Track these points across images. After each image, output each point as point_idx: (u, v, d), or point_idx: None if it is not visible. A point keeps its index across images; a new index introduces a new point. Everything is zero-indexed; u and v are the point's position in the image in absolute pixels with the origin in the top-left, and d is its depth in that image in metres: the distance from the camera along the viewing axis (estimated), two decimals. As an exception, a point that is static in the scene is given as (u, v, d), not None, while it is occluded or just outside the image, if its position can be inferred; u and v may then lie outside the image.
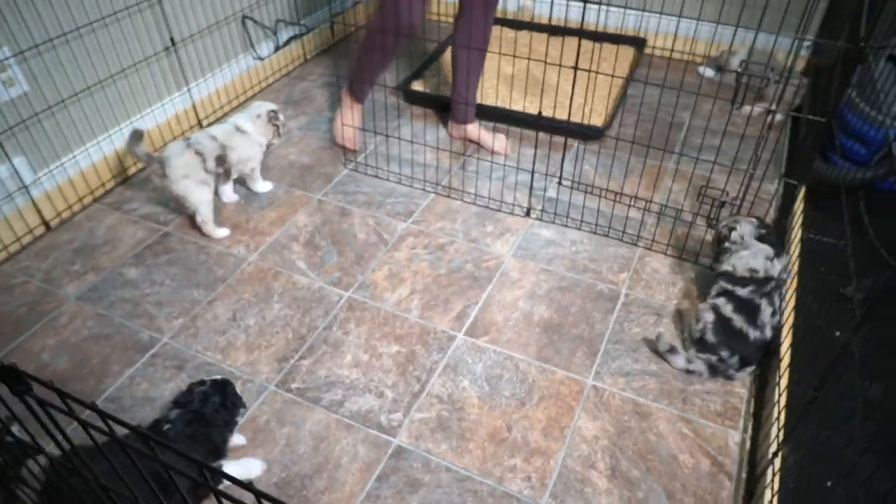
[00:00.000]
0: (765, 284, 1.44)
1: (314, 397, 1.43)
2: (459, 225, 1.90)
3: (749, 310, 1.43)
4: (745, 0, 1.71)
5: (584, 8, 1.59)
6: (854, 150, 1.92)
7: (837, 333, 1.56)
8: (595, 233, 1.86)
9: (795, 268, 1.61)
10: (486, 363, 1.50)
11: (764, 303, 1.42)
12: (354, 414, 1.40)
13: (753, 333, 1.40)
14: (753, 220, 1.50)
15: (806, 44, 2.55)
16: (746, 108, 2.36)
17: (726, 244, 1.51)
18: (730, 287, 1.47)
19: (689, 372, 1.45)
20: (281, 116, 1.94)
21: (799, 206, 1.82)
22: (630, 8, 2.68)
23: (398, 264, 1.77)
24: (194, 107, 2.29)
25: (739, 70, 1.46)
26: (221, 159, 1.82)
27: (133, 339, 1.56)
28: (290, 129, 2.32)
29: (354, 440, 1.35)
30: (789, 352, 1.37)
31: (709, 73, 2.62)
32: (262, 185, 2.02)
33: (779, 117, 2.34)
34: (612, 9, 2.75)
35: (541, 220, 1.91)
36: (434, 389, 1.45)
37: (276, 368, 1.49)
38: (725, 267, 1.50)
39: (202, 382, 1.25)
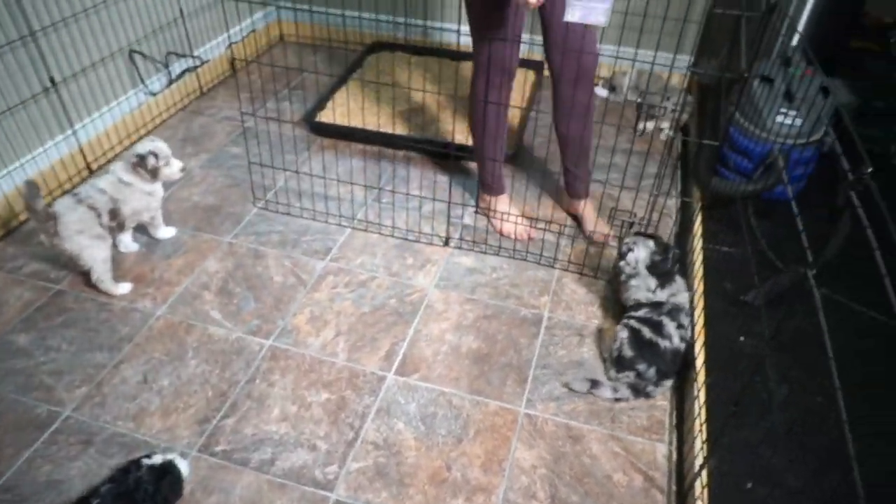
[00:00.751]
0: (659, 307, 1.54)
1: (242, 459, 1.35)
2: (379, 259, 1.87)
3: (653, 325, 1.51)
4: (630, 24, 1.81)
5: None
6: (740, 163, 2.07)
7: (742, 338, 1.68)
8: (513, 258, 1.90)
9: (700, 283, 1.71)
10: (420, 402, 1.48)
11: (665, 319, 1.51)
12: (287, 472, 1.33)
13: (664, 343, 1.48)
14: (651, 242, 1.58)
15: (686, 65, 2.74)
16: (640, 126, 2.49)
17: (621, 263, 1.59)
18: (633, 313, 1.57)
19: (617, 400, 1.50)
20: (152, 160, 1.72)
21: (697, 220, 1.94)
22: (533, 38, 2.77)
23: (320, 306, 1.72)
24: (81, 150, 2.13)
25: (638, 100, 1.53)
26: (115, 213, 1.69)
27: (29, 415, 1.41)
28: (189, 168, 2.20)
29: (290, 500, 1.28)
30: (704, 366, 1.45)
31: (603, 93, 2.75)
32: (165, 231, 1.90)
33: (670, 134, 2.49)
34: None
35: (460, 248, 1.92)
36: (369, 435, 1.41)
37: (198, 431, 1.40)
38: (623, 298, 1.60)
39: (139, 466, 1.16)
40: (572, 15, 1.38)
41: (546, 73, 2.61)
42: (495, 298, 1.76)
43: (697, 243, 1.85)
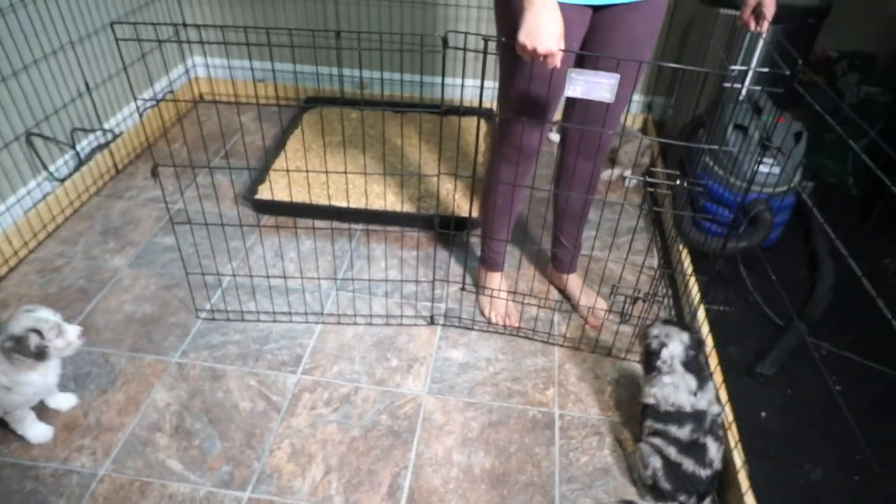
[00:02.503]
0: (702, 420, 1.32)
1: None
2: (359, 364, 1.64)
3: (696, 451, 1.30)
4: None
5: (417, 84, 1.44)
6: (718, 212, 2.00)
7: (763, 414, 1.58)
8: (502, 333, 1.72)
9: (713, 352, 1.60)
10: (439, 548, 1.27)
11: (709, 440, 1.31)
12: None
13: (705, 472, 1.31)
14: (685, 335, 1.40)
15: (643, 105, 2.69)
16: (606, 173, 2.40)
17: (657, 363, 1.39)
18: (661, 427, 1.34)
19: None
20: (34, 339, 1.26)
21: (691, 279, 1.84)
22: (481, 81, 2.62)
23: (301, 436, 1.46)
24: (-23, 264, 1.77)
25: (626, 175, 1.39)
26: None
27: None
28: (115, 269, 1.88)
29: None
30: (745, 464, 1.33)
31: (555, 137, 2.64)
32: (62, 401, 1.48)
33: (634, 182, 2.41)
34: (456, 80, 2.67)
35: (447, 338, 1.72)
36: None
37: None
38: (648, 399, 1.37)
39: None
40: (574, 90, 1.23)
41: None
42: (498, 399, 1.57)
43: (697, 305, 1.75)
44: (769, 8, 1.37)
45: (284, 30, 1.41)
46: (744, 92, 2.03)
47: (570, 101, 1.52)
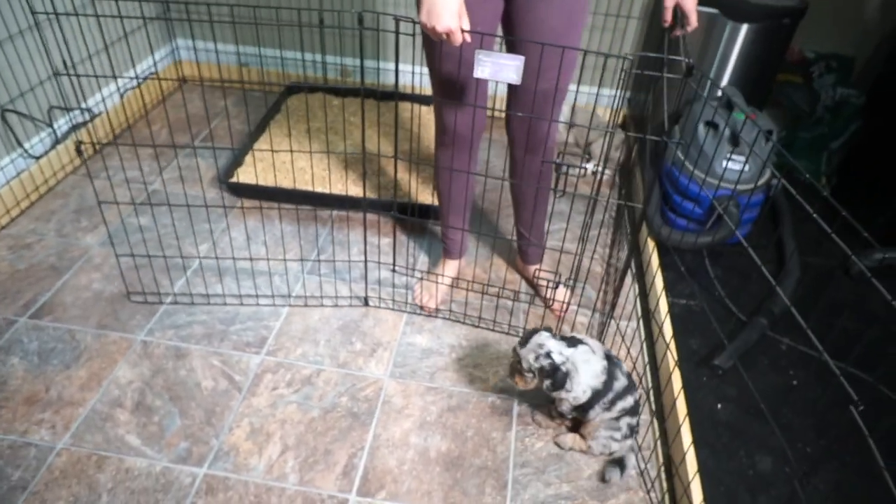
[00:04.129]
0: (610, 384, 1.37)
1: None
2: (323, 347, 1.66)
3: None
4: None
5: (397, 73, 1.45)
6: (686, 207, 2.02)
7: (719, 406, 1.60)
8: (463, 322, 1.74)
9: (672, 343, 1.63)
10: (390, 527, 1.29)
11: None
12: None
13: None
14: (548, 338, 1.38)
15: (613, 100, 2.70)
16: (560, 190, 2.41)
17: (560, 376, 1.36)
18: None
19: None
20: None
21: (657, 272, 1.86)
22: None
23: (260, 415, 1.48)
24: (-54, 237, 1.77)
25: (557, 161, 1.40)
26: None
27: None
28: (87, 247, 1.89)
29: None
30: (693, 445, 1.36)
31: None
32: None
33: (599, 170, 2.43)
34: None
35: (412, 323, 1.74)
36: (335, 582, 1.20)
37: None
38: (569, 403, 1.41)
39: None
40: (482, 72, 1.24)
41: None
42: (459, 384, 1.59)
43: (660, 298, 1.77)
44: (692, 15, 1.38)
45: (273, 8, 1.41)
46: (664, 81, 2.04)
47: (510, 93, 1.52)
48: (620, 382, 1.36)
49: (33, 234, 1.94)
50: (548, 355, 1.32)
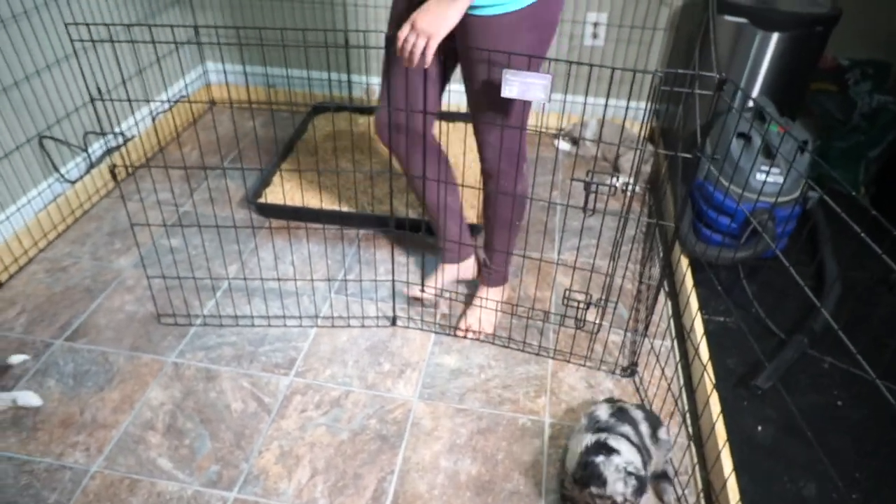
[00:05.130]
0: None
1: None
2: (352, 368, 1.65)
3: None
4: (586, 73, 1.68)
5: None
6: (719, 221, 1.97)
7: (759, 428, 1.55)
8: (493, 343, 1.72)
9: (709, 364, 1.58)
10: (420, 554, 1.27)
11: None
12: None
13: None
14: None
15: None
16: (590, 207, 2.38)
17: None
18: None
19: None
20: None
21: (691, 288, 1.82)
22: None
23: (290, 438, 1.48)
24: (-14, 262, 1.82)
25: (586, 179, 1.36)
26: None
27: None
28: (120, 269, 1.92)
29: None
30: (734, 472, 1.31)
31: (564, 146, 2.63)
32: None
33: (631, 186, 2.39)
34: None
35: (440, 343, 1.72)
36: None
37: None
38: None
39: None
40: (510, 91, 1.23)
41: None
42: (488, 406, 1.57)
43: (696, 318, 1.72)
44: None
45: (299, 30, 1.43)
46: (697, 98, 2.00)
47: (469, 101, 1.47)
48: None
49: (69, 256, 1.98)
50: (630, 475, 1.20)
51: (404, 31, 1.21)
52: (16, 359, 1.60)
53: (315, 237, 2.07)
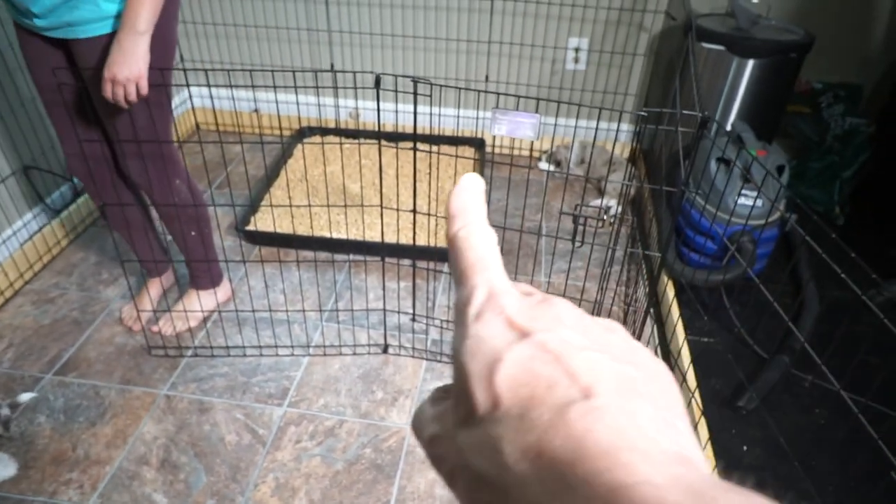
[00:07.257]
0: None
1: None
2: (345, 397, 1.66)
3: None
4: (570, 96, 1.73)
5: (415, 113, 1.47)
6: (700, 243, 2.02)
7: (745, 448, 1.59)
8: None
9: (696, 387, 1.62)
10: (419, 585, 1.28)
11: None
12: None
13: None
14: None
15: (631, 134, 2.73)
16: (595, 202, 2.43)
17: None
18: None
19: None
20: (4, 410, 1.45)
21: (675, 309, 1.87)
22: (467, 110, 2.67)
23: (285, 469, 1.48)
24: (-28, 296, 1.80)
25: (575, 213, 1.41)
26: None
27: None
28: (109, 300, 1.91)
29: None
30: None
31: (543, 165, 2.68)
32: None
33: (618, 211, 2.44)
34: (449, 110, 2.72)
35: (433, 369, 1.74)
36: None
37: None
38: None
39: None
40: (499, 129, 1.27)
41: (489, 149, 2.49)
42: (481, 432, 1.59)
43: (679, 337, 1.77)
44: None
45: (288, 70, 1.44)
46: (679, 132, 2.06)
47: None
48: None
49: (56, 287, 1.97)
50: None
51: (108, 91, 1.30)
52: (25, 397, 1.58)
53: (304, 264, 2.08)
